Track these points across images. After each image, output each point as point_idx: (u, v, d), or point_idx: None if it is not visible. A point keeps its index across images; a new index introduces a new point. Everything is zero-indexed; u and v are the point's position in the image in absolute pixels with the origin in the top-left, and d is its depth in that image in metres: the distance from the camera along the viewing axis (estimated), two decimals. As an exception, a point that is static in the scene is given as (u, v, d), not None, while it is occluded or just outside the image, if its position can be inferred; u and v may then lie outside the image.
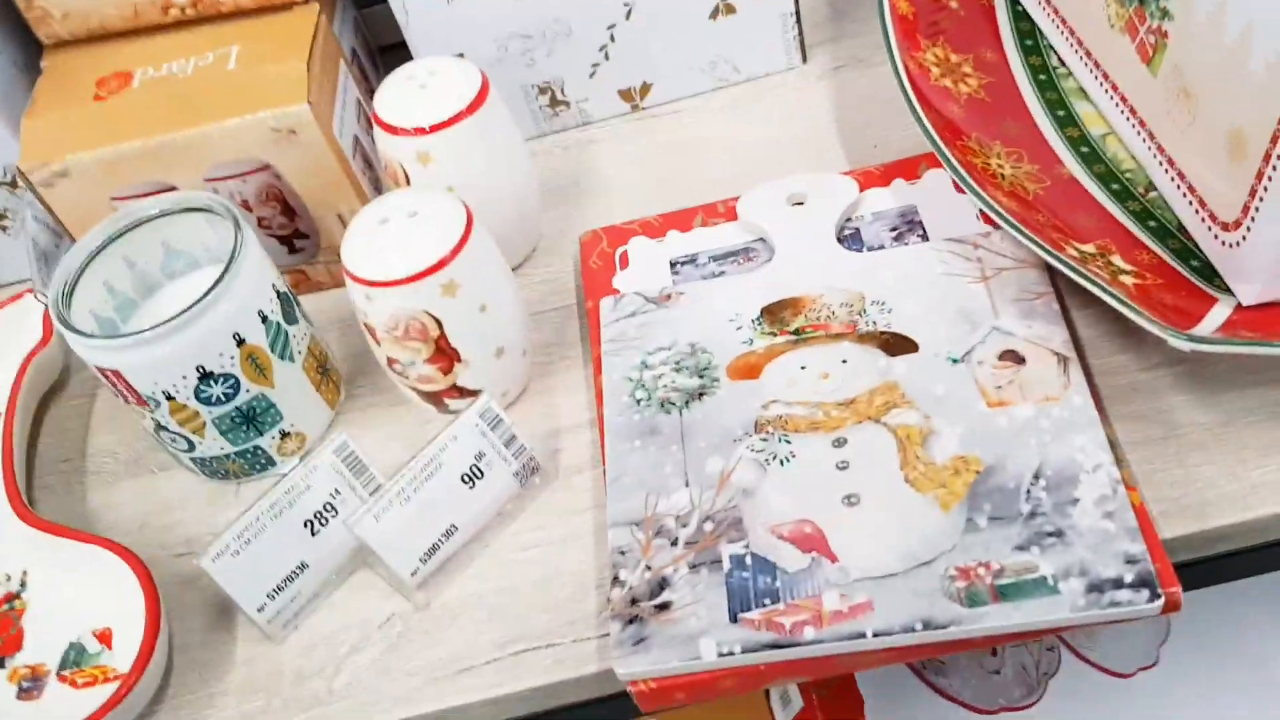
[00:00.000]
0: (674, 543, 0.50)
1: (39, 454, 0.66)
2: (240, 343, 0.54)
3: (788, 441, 0.52)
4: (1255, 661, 0.78)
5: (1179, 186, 0.54)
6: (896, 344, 0.54)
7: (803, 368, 0.55)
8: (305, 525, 0.54)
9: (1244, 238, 0.50)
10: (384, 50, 0.78)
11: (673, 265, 0.62)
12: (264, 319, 0.55)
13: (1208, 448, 0.51)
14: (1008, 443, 0.50)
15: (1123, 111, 0.58)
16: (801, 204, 0.62)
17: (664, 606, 0.49)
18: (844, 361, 0.54)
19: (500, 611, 0.53)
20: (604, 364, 0.57)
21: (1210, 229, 0.52)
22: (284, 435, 0.59)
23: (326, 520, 0.54)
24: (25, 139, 0.61)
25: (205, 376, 0.54)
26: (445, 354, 0.55)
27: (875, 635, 0.46)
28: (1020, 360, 0.53)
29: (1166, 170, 0.55)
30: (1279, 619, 0.80)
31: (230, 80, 0.60)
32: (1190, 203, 0.53)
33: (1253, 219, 0.49)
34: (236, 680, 0.54)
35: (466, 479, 0.54)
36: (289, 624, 0.55)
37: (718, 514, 0.51)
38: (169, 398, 0.54)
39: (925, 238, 0.59)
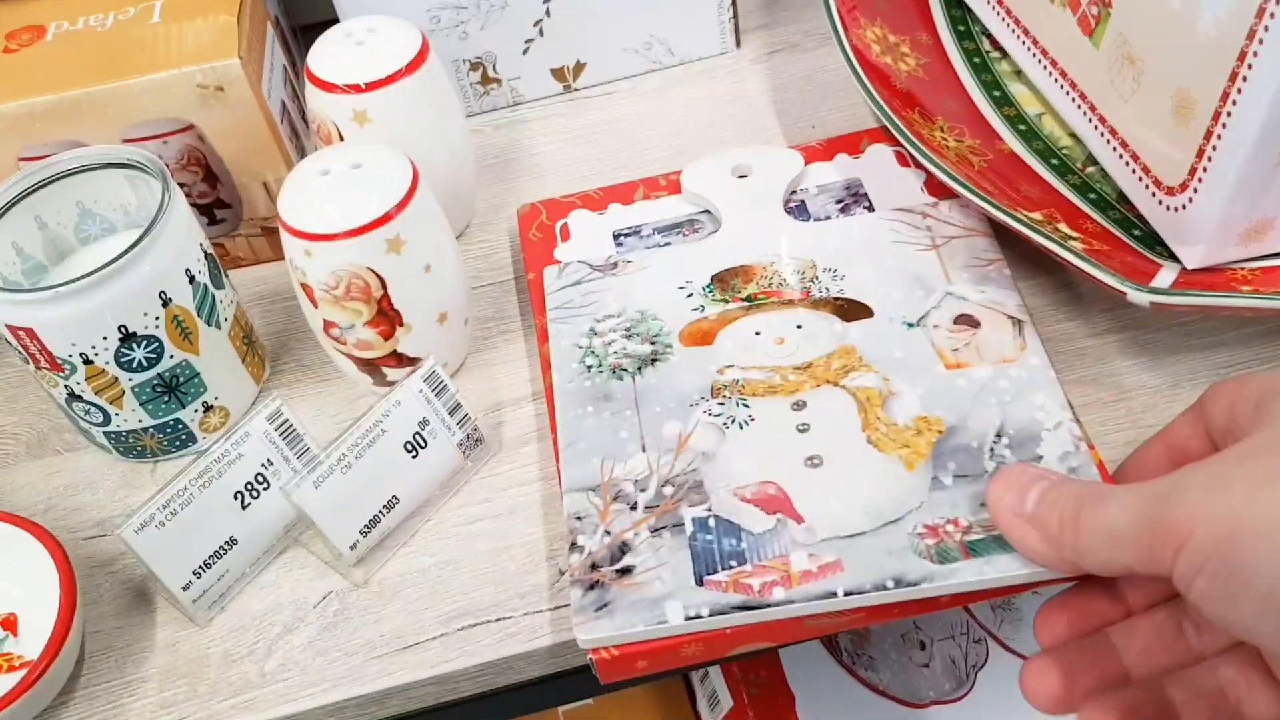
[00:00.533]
0: (633, 507, 0.48)
1: (-72, 437, 0.61)
2: (166, 303, 0.51)
3: (746, 405, 0.51)
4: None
5: (1121, 156, 0.55)
6: (851, 309, 0.54)
7: (757, 333, 0.54)
8: (235, 497, 0.50)
9: (1190, 200, 0.50)
10: (303, 29, 0.76)
11: (616, 237, 0.60)
12: (191, 279, 0.52)
13: (1158, 409, 0.52)
14: (968, 403, 0.50)
15: (1062, 87, 0.59)
16: (745, 176, 0.61)
17: (626, 571, 0.47)
18: (799, 327, 0.54)
19: (445, 586, 0.51)
20: (550, 331, 0.55)
21: (1155, 195, 0.53)
22: (207, 409, 0.55)
23: (258, 493, 0.51)
24: (-77, 93, 0.57)
25: (127, 338, 0.50)
26: (387, 317, 0.52)
27: (847, 594, 0.45)
28: (975, 324, 0.52)
29: (1109, 141, 0.56)
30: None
31: (154, 33, 0.57)
32: (1133, 170, 0.54)
33: (1200, 180, 0.49)
34: (157, 666, 0.50)
35: (409, 447, 0.51)
36: (215, 605, 0.51)
37: (677, 478, 0.49)
38: (87, 361, 0.50)
39: (871, 209, 0.59)
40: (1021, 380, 0.50)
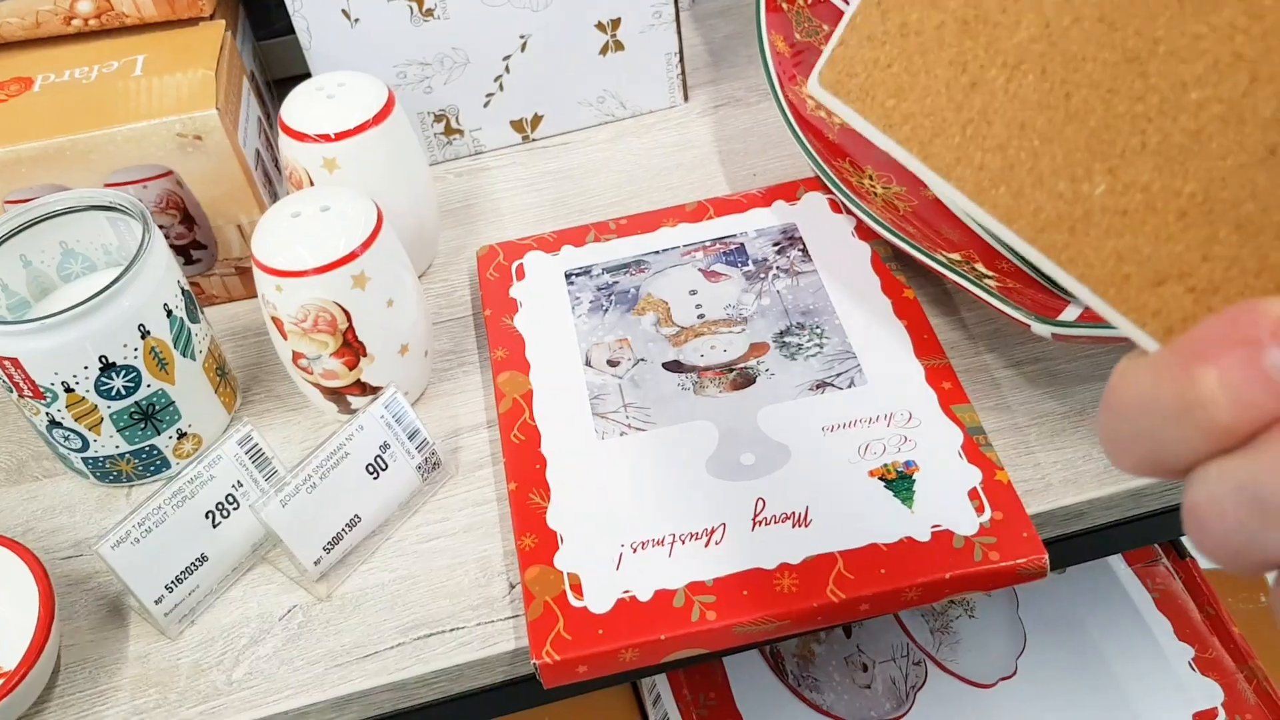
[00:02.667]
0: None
1: (-88, 464, 0.64)
2: (145, 335, 0.54)
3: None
4: (1099, 670, 0.84)
5: (1031, 202, 0.60)
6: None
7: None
8: (206, 516, 0.54)
9: (1090, 242, 0.55)
10: (277, 83, 0.80)
11: (568, 276, 0.65)
12: (169, 313, 0.55)
13: (1066, 434, 0.56)
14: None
15: (979, 139, 0.64)
16: None
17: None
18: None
19: (403, 599, 0.54)
20: None
21: (1060, 238, 0.58)
22: (181, 436, 0.59)
23: (228, 512, 0.54)
24: (-84, 139, 0.60)
25: (107, 368, 0.54)
26: (352, 348, 0.56)
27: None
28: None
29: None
30: (1118, 634, 0.85)
31: (136, 86, 0.61)
32: (1041, 216, 0.59)
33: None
34: (129, 676, 0.53)
35: (371, 469, 0.55)
36: (185, 618, 0.54)
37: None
38: (68, 389, 0.54)
39: (805, 253, 0.64)
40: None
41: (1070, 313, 0.57)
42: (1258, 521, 0.22)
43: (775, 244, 0.65)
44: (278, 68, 0.80)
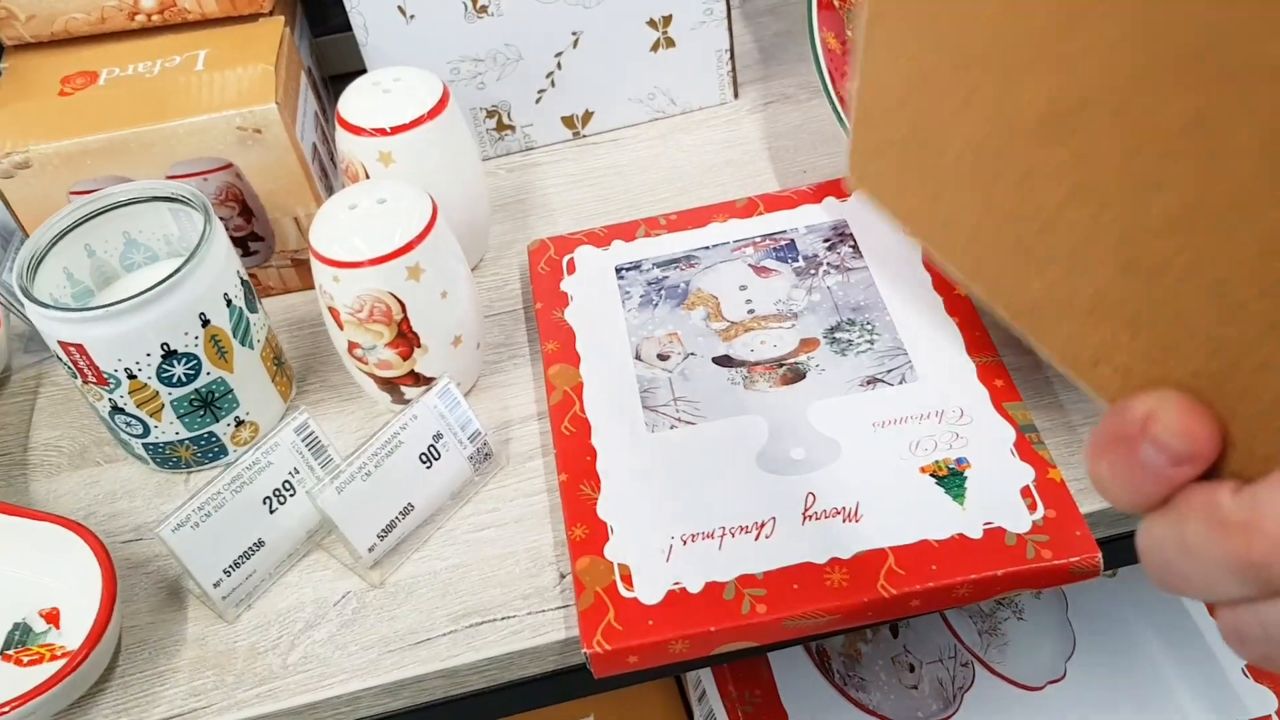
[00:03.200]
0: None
1: (-23, 449, 0.66)
2: (205, 323, 0.55)
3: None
4: (1150, 675, 0.83)
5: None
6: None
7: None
8: (264, 502, 0.55)
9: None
10: (332, 79, 0.81)
11: (618, 271, 0.65)
12: (229, 302, 0.56)
13: (1117, 431, 0.56)
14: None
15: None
16: None
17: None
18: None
19: (455, 587, 0.55)
20: None
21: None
22: (239, 423, 0.60)
23: (285, 499, 0.55)
24: (-13, 130, 0.62)
25: (169, 355, 0.55)
26: (406, 339, 0.57)
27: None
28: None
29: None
30: (1170, 639, 0.84)
31: (197, 80, 0.62)
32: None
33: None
34: (187, 658, 0.54)
35: (424, 459, 0.56)
36: (242, 602, 0.55)
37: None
38: (130, 376, 0.55)
39: (856, 249, 0.64)
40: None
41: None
42: (1179, 559, 0.27)
43: (825, 240, 0.65)
44: (334, 63, 0.81)
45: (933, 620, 0.86)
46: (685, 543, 0.52)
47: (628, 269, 0.65)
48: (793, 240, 0.65)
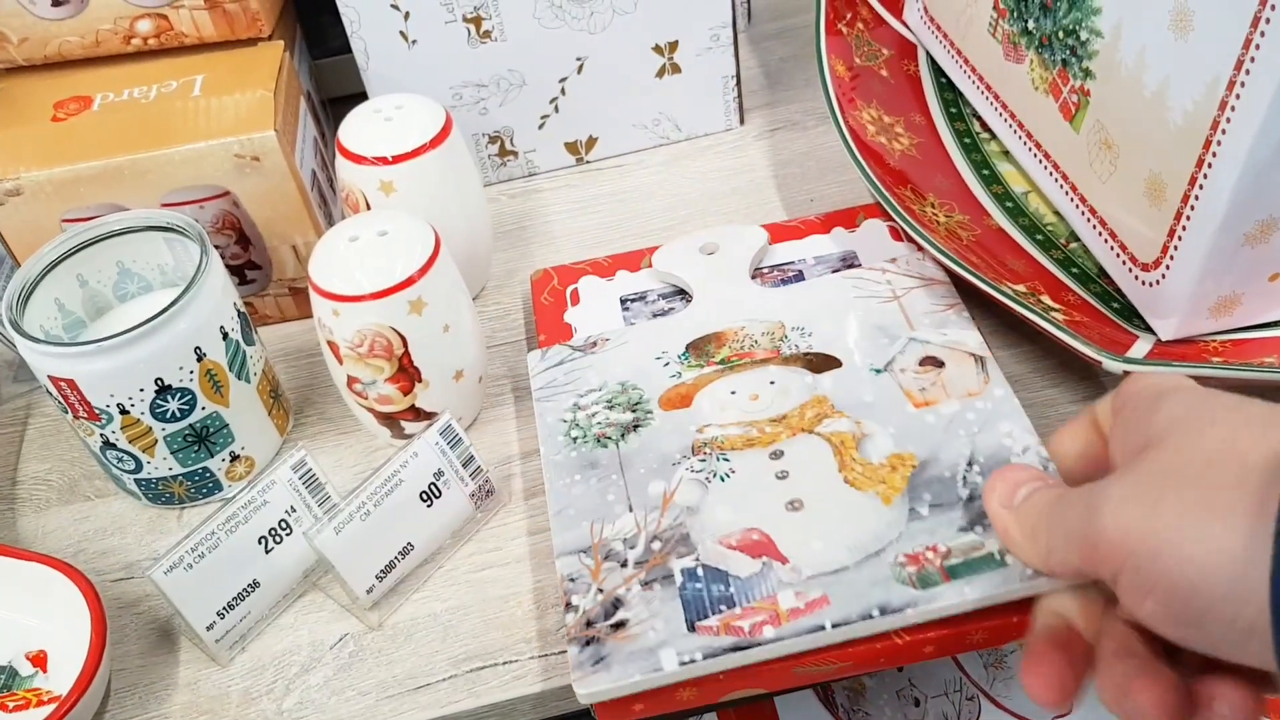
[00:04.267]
0: (624, 564, 0.51)
1: (-35, 482, 0.64)
2: (200, 357, 0.54)
3: (726, 459, 0.54)
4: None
5: (1100, 233, 0.58)
6: (820, 362, 0.57)
7: (733, 392, 0.57)
8: (260, 542, 0.53)
9: (1163, 276, 0.54)
10: (331, 102, 0.80)
11: (623, 302, 0.64)
12: (225, 335, 0.55)
13: (1134, 472, 0.54)
14: (938, 436, 0.52)
15: (1046, 167, 0.62)
16: (714, 253, 0.64)
17: (620, 625, 0.49)
18: (772, 383, 0.56)
19: (455, 630, 0.53)
20: (537, 409, 0.58)
21: (1131, 270, 0.56)
22: (234, 458, 0.58)
23: (281, 538, 0.54)
24: (-23, 157, 0.60)
25: (163, 390, 0.53)
26: (407, 373, 0.55)
27: (834, 626, 0.47)
28: (939, 364, 0.56)
29: (1088, 219, 0.59)
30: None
31: (194, 106, 0.61)
32: (1111, 247, 0.58)
33: (1171, 258, 0.53)
34: (179, 703, 0.53)
35: (425, 497, 0.54)
36: (236, 645, 0.54)
37: (664, 533, 0.52)
38: (123, 411, 0.54)
39: (865, 280, 0.62)
40: (988, 411, 0.53)
41: (1140, 349, 0.55)
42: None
43: (834, 270, 0.63)
44: (332, 86, 0.79)
45: (938, 654, 0.84)
46: (693, 586, 0.51)
47: (633, 300, 0.64)
48: (801, 271, 0.64)
